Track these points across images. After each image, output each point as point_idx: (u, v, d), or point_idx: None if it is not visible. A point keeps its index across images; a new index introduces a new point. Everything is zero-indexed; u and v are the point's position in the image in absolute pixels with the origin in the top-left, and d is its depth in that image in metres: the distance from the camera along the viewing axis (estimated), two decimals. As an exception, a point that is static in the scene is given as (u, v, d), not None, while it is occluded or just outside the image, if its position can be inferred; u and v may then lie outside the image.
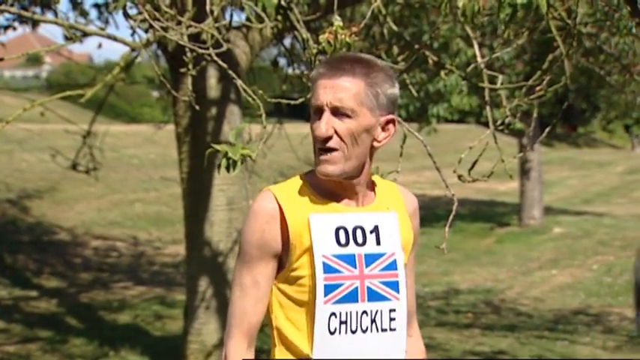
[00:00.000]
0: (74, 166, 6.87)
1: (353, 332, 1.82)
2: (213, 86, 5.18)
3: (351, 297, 1.82)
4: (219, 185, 5.26)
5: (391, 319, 1.85)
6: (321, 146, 1.83)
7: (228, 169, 2.54)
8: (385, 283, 1.85)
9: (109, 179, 12.80)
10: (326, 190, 1.87)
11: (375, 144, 1.87)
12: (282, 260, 1.86)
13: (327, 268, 1.80)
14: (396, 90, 1.89)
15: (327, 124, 1.81)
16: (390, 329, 1.85)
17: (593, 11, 5.04)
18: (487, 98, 3.64)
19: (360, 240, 1.84)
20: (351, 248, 1.83)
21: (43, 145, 12.66)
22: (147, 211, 12.29)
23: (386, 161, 3.23)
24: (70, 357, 6.26)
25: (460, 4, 2.80)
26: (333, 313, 1.81)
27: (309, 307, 1.82)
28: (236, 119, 5.28)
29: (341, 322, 1.81)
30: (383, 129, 1.87)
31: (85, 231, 10.89)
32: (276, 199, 1.84)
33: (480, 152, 3.14)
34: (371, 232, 1.85)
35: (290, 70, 6.53)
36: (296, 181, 1.90)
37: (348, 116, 1.82)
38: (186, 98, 3.55)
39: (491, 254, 12.16)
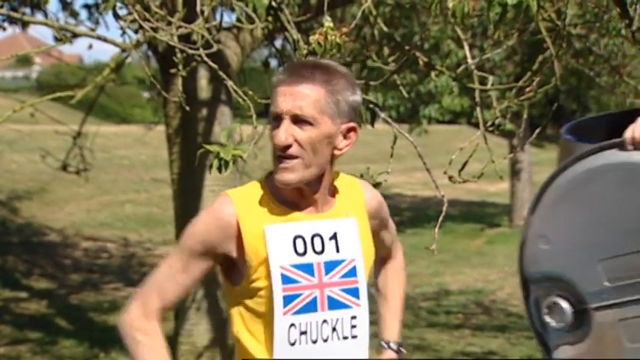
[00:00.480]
0: (64, 167, 6.85)
1: (314, 342, 1.79)
2: (203, 87, 5.18)
3: (311, 307, 1.79)
4: (210, 186, 5.25)
5: (352, 327, 1.82)
6: (281, 154, 1.79)
7: (219, 169, 2.53)
8: (346, 291, 1.82)
9: (100, 180, 12.76)
10: (284, 197, 1.84)
11: (336, 152, 1.84)
12: (240, 270, 1.83)
13: (285, 279, 1.78)
14: (357, 97, 1.86)
15: (286, 132, 1.78)
16: (352, 337, 1.83)
17: (582, 12, 5.06)
18: (477, 99, 3.65)
19: (318, 248, 1.81)
20: (310, 257, 1.80)
21: (33, 145, 12.61)
22: (137, 212, 12.25)
23: (377, 162, 3.24)
24: (60, 358, 6.24)
25: (450, 5, 2.80)
26: (293, 324, 1.78)
27: (269, 318, 1.79)
28: (227, 120, 5.28)
29: (301, 333, 1.78)
30: (344, 137, 1.85)
31: (75, 232, 10.86)
32: (234, 207, 1.82)
33: (471, 153, 3.14)
34: (330, 239, 1.82)
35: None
36: (255, 187, 1.87)
37: (309, 124, 1.79)
38: (176, 99, 3.55)
39: (481, 255, 12.18)
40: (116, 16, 2.94)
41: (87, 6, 6.29)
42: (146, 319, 1.85)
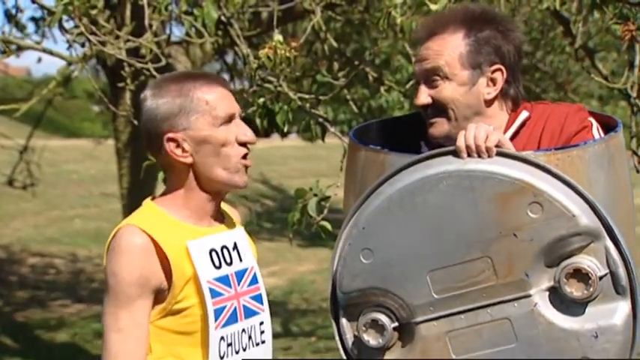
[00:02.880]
0: (10, 182, 6.74)
1: (237, 352, 1.81)
2: (153, 101, 5.15)
3: (233, 317, 1.81)
4: (160, 201, 5.22)
5: (261, 332, 1.86)
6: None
7: (165, 181, 2.50)
8: (253, 298, 1.85)
9: (48, 195, 12.55)
10: (184, 214, 1.82)
11: None
12: (160, 294, 1.77)
13: (214, 293, 1.78)
14: None
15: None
16: (262, 342, 1.86)
17: (528, 30, 5.18)
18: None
19: (228, 259, 1.83)
20: (225, 269, 1.82)
21: (-21, 160, 12.35)
22: (86, 227, 12.07)
23: (328, 176, 3.24)
24: (5, 378, 6.10)
25: (398, 21, 2.85)
26: (222, 337, 1.78)
27: (197, 336, 1.78)
28: (177, 134, 5.26)
29: (228, 345, 1.79)
30: None
31: (22, 248, 10.65)
32: (146, 233, 1.75)
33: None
34: (233, 249, 1.85)
35: (232, 86, 6.51)
36: (150, 211, 1.82)
37: None
38: (125, 113, 3.52)
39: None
40: (62, 29, 2.91)
41: (34, 19, 6.21)
42: None
